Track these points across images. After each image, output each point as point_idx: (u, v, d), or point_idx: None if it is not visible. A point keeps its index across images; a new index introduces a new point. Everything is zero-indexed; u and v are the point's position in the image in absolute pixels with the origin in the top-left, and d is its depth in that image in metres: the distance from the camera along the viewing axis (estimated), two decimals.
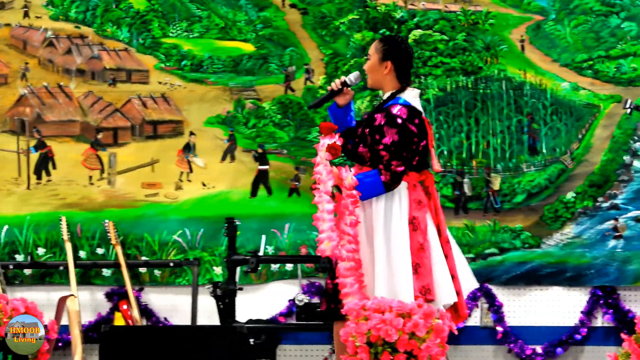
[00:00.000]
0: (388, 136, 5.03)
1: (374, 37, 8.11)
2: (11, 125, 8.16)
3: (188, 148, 8.23)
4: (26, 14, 8.25)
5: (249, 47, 8.28)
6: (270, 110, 8.18)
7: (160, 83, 8.24)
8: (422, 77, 8.21)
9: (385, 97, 5.21)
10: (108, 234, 7.87)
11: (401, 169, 4.96)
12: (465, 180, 8.22)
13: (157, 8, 8.26)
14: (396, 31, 8.22)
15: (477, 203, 8.20)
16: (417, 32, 8.25)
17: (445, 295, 5.04)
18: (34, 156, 8.18)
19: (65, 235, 7.77)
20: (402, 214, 5.00)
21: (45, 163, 8.14)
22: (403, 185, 5.05)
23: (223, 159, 8.24)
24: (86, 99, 8.22)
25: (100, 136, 8.22)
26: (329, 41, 8.27)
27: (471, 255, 8.05)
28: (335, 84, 5.14)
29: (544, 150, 8.22)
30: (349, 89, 5.27)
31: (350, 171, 4.98)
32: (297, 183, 8.13)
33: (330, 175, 4.91)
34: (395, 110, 5.08)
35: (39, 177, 8.18)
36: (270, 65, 8.28)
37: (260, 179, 8.13)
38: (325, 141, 4.91)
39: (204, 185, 8.21)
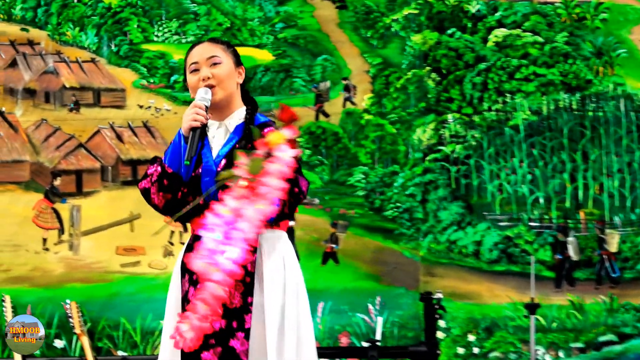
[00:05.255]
0: None
1: (439, 40, 7.83)
2: None
3: None
4: None
5: (265, 56, 8.02)
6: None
7: (141, 107, 7.90)
8: (508, 95, 7.85)
9: (233, 118, 4.28)
10: (70, 320, 6.84)
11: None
12: (570, 239, 7.87)
13: (136, 2, 7.91)
14: (470, 30, 7.86)
15: (587, 271, 7.86)
16: (500, 33, 7.93)
17: None
18: None
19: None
20: None
21: None
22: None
23: None
24: (37, 131, 7.83)
25: (57, 182, 7.83)
26: (376, 46, 8.01)
27: (579, 345, 7.73)
28: (202, 114, 4.14)
29: None
30: None
31: None
32: (334, 246, 7.92)
33: None
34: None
35: None
36: (295, 80, 8.03)
37: None
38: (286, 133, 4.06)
39: None
